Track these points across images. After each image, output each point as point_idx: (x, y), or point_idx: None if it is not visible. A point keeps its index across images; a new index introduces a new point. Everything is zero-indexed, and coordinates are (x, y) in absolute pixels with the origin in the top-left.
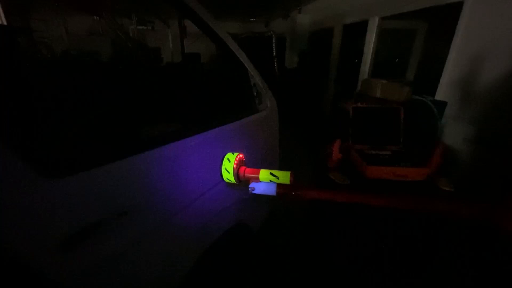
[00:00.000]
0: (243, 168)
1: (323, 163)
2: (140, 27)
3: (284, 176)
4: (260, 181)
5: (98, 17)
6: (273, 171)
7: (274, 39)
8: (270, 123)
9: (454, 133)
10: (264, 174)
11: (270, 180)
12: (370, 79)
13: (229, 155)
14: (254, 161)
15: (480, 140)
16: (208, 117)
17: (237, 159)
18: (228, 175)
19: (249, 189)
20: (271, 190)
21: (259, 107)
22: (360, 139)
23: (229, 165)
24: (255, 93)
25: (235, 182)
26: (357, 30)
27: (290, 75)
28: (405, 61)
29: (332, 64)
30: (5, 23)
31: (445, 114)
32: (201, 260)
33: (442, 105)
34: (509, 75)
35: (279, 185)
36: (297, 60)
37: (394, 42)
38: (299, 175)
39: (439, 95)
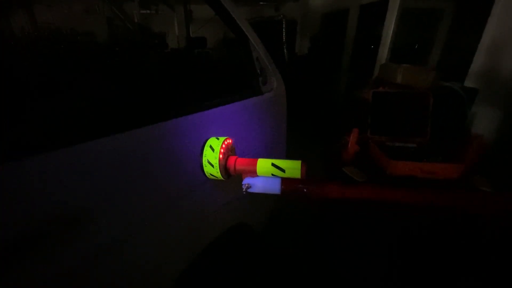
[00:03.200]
0: (233, 158)
1: (336, 157)
2: (144, 11)
3: (292, 168)
4: (257, 176)
5: None
6: (276, 161)
7: (284, 24)
8: (276, 108)
9: (487, 123)
10: (263, 166)
11: (272, 174)
12: (389, 63)
13: (212, 141)
14: (254, 152)
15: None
16: (193, 98)
17: (223, 146)
18: (211, 170)
19: (243, 187)
20: (274, 187)
21: (263, 88)
22: (380, 129)
23: (212, 155)
24: (258, 70)
25: (221, 178)
26: (375, 11)
27: (300, 62)
28: (428, 45)
29: (346, 50)
30: None
31: (475, 102)
32: (198, 260)
33: (472, 92)
34: None
35: (284, 180)
36: (308, 45)
37: (417, 24)
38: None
39: (469, 82)
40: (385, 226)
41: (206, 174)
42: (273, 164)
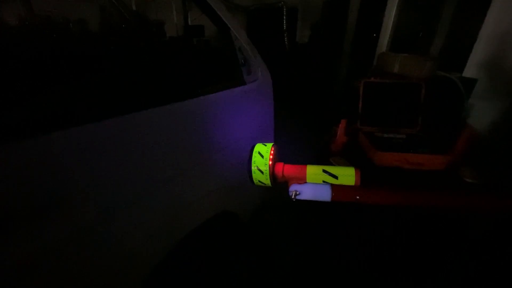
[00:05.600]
0: (280, 165)
1: (327, 147)
2: None
3: (346, 175)
4: (306, 182)
5: None
6: (328, 168)
7: (285, 11)
8: (262, 99)
9: (484, 115)
10: (314, 173)
11: (324, 181)
12: (387, 52)
13: (259, 147)
14: (237, 147)
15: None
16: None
17: (271, 153)
18: (260, 176)
19: (290, 194)
20: (324, 194)
21: (246, 78)
22: (370, 120)
23: (262, 161)
24: (241, 61)
25: (269, 185)
26: None
27: (301, 50)
28: (431, 33)
29: (347, 38)
30: None
31: (474, 93)
32: (178, 248)
33: (471, 83)
34: None
35: (335, 187)
36: (309, 34)
37: (419, 11)
38: (299, 161)
39: (468, 72)
40: (375, 217)
41: (254, 181)
42: (324, 171)
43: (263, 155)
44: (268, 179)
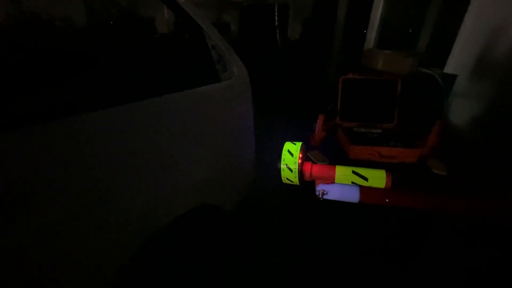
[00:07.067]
0: (308, 164)
1: (307, 142)
2: None
3: (376, 178)
4: (334, 183)
5: None
6: (358, 169)
7: (276, 8)
8: (239, 96)
9: (462, 110)
10: (343, 173)
11: (352, 182)
12: (373, 49)
13: (289, 146)
14: (214, 144)
15: (486, 120)
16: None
17: (301, 152)
18: (289, 175)
19: (317, 193)
20: (352, 196)
21: (222, 76)
22: (349, 115)
23: (291, 160)
24: (216, 58)
25: (297, 183)
26: None
27: (293, 47)
28: (418, 30)
29: (337, 34)
30: None
31: (454, 89)
32: (150, 244)
33: (451, 78)
34: None
35: (363, 189)
36: (300, 30)
37: (406, 7)
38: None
39: (449, 68)
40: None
41: (282, 179)
42: (354, 172)
43: (292, 154)
44: (297, 177)
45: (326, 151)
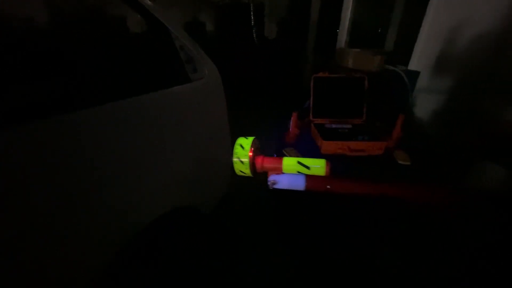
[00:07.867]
0: (260, 157)
1: (282, 140)
2: None
3: (317, 166)
4: (282, 173)
5: None
6: (302, 159)
7: (252, 7)
8: (211, 96)
9: (425, 105)
10: (289, 164)
11: (298, 171)
12: (344, 48)
13: (241, 140)
14: (187, 144)
15: (446, 112)
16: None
17: (253, 145)
18: (241, 167)
19: (269, 183)
20: (299, 184)
21: (192, 76)
22: (321, 112)
23: (242, 153)
24: (185, 59)
25: (250, 174)
26: None
27: (270, 46)
28: (385, 29)
29: (310, 33)
30: None
31: (417, 85)
32: (126, 247)
33: (414, 75)
34: (482, 46)
35: (308, 178)
36: (276, 29)
37: (374, 8)
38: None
39: (413, 65)
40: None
41: (236, 171)
42: (299, 162)
43: (244, 147)
44: (248, 169)
45: (300, 148)
